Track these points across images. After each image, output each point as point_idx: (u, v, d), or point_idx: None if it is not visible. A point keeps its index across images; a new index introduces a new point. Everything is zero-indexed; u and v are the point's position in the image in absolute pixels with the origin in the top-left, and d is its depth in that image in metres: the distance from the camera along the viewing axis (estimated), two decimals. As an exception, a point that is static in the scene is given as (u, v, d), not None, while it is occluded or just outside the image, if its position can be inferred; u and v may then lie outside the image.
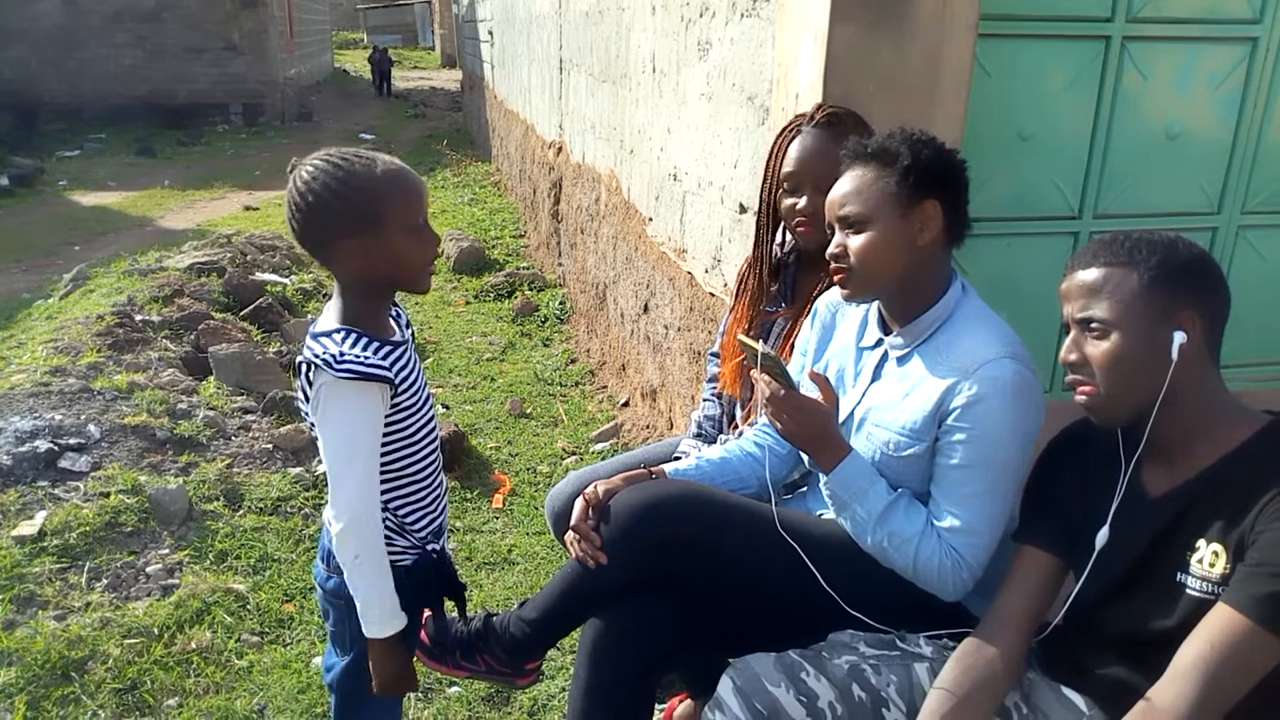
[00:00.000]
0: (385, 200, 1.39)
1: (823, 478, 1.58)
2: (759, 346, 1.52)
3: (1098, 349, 1.26)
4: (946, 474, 1.50)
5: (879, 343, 1.64)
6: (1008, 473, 1.49)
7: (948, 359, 1.51)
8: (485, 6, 10.85)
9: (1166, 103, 2.27)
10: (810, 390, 1.59)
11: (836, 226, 1.57)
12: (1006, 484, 1.49)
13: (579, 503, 1.66)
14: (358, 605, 1.45)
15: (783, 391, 1.53)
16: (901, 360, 1.59)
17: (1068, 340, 1.31)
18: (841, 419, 1.64)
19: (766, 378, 1.54)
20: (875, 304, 1.66)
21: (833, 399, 1.57)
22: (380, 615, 1.46)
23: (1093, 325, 1.27)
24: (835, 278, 1.58)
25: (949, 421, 1.48)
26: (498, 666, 1.76)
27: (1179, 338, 1.23)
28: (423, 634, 1.75)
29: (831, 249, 1.57)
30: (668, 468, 1.78)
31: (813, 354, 1.78)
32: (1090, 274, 1.29)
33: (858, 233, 1.53)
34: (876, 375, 1.63)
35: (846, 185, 1.56)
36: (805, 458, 1.68)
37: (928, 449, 1.52)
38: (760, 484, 1.77)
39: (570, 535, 1.64)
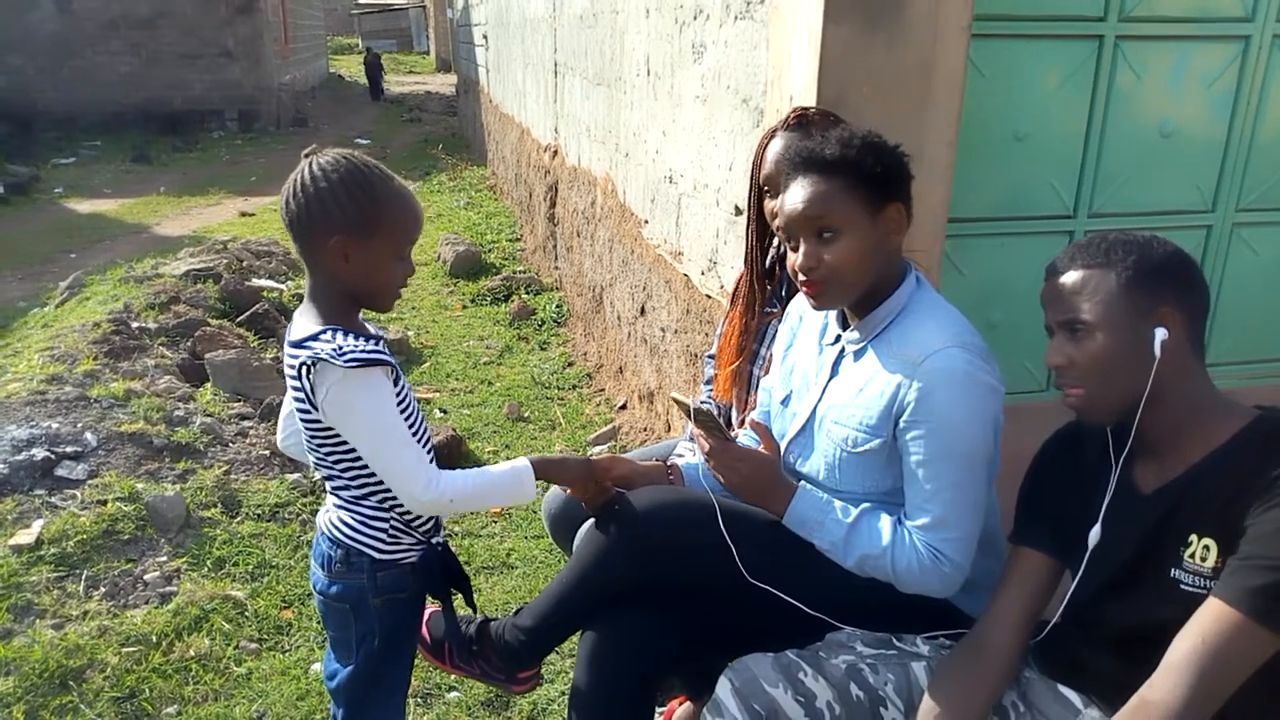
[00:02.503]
0: (388, 214, 1.41)
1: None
2: (690, 401, 1.54)
3: (1082, 350, 1.27)
4: (913, 472, 1.49)
5: (837, 339, 1.64)
6: (973, 461, 1.48)
7: (899, 351, 1.50)
8: (479, 11, 10.86)
9: (1160, 101, 2.28)
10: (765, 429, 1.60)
11: (802, 237, 1.52)
12: (974, 473, 1.48)
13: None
14: (499, 498, 1.54)
15: (721, 445, 1.52)
16: (858, 355, 1.59)
17: (1052, 344, 1.32)
18: (804, 418, 1.65)
19: (701, 432, 1.54)
20: None
21: (773, 447, 1.58)
22: (516, 489, 1.53)
23: (1075, 327, 1.28)
24: (809, 289, 1.54)
25: (905, 419, 1.47)
26: (492, 673, 1.76)
27: (1160, 334, 1.24)
28: (424, 630, 1.75)
29: (803, 261, 1.51)
30: (679, 460, 1.81)
31: (779, 355, 1.78)
32: (1069, 277, 1.30)
33: (830, 243, 1.50)
34: (835, 371, 1.63)
35: (810, 192, 1.50)
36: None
37: (885, 444, 1.51)
38: None
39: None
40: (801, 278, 1.54)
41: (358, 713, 1.60)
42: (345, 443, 1.44)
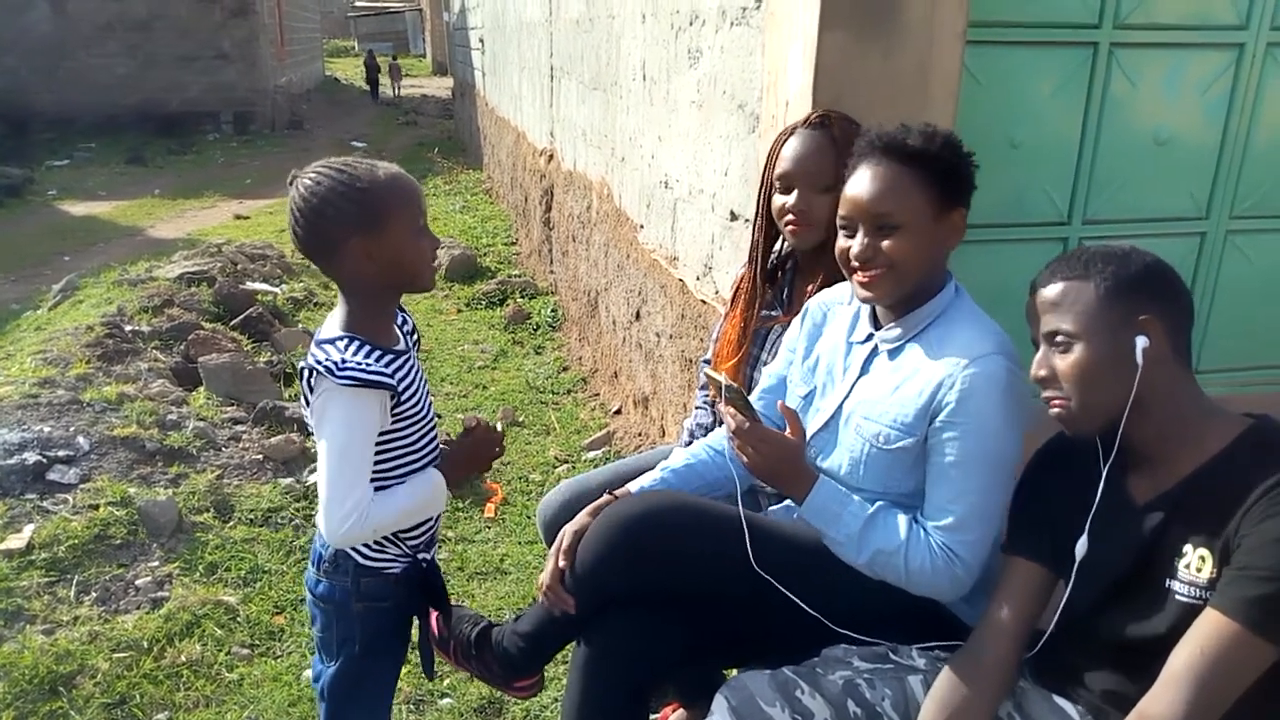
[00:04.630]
0: (388, 201, 1.41)
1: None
2: (723, 379, 1.52)
3: (1065, 361, 1.28)
4: (942, 471, 1.49)
5: (869, 337, 1.63)
6: (1002, 468, 1.48)
7: (940, 352, 1.50)
8: (476, 14, 10.86)
9: (1154, 108, 2.28)
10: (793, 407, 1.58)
11: (862, 225, 1.51)
12: (1002, 480, 1.48)
13: (551, 562, 1.65)
14: (418, 516, 1.53)
15: (749, 424, 1.51)
16: (893, 353, 1.58)
17: (1037, 356, 1.33)
18: (830, 414, 1.64)
19: (732, 410, 1.53)
20: None
21: (799, 431, 1.56)
22: (430, 506, 1.53)
23: (1058, 339, 1.29)
24: (862, 277, 1.53)
25: (941, 418, 1.47)
26: (491, 677, 1.77)
27: (1141, 342, 1.24)
28: (433, 624, 1.76)
29: (859, 250, 1.51)
30: (632, 485, 1.76)
31: (801, 351, 1.76)
32: (1050, 290, 1.31)
33: (888, 236, 1.48)
34: (865, 369, 1.62)
35: (881, 185, 1.49)
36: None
37: (917, 443, 1.51)
38: (732, 483, 1.75)
39: (544, 583, 1.64)
40: (854, 264, 1.53)
41: (341, 714, 1.60)
42: None
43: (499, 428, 1.65)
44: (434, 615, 1.74)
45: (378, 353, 1.43)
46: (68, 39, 15.05)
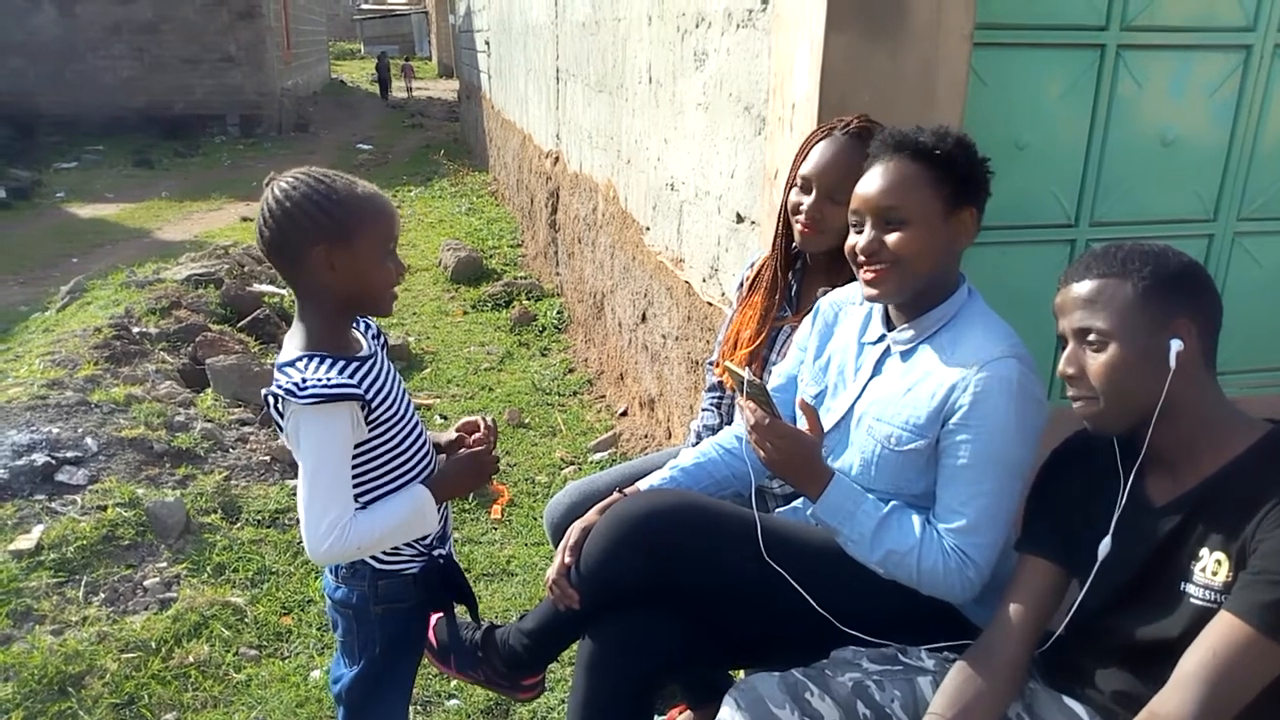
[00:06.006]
0: (360, 217, 1.41)
1: (810, 506, 1.57)
2: (745, 373, 1.51)
3: (1096, 360, 1.27)
4: (954, 474, 1.49)
5: (881, 338, 1.63)
6: (1014, 471, 1.48)
7: (953, 355, 1.50)
8: (481, 17, 10.88)
9: (1162, 110, 2.28)
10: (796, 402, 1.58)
11: (868, 220, 1.52)
12: (1013, 484, 1.48)
13: (558, 558, 1.65)
14: (405, 536, 1.51)
15: (767, 420, 1.51)
16: (905, 355, 1.58)
17: (1066, 353, 1.31)
18: (841, 414, 1.64)
19: (752, 405, 1.53)
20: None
21: (818, 429, 1.56)
22: (417, 524, 1.50)
23: (1090, 336, 1.27)
24: (867, 274, 1.53)
25: (954, 420, 1.47)
26: (496, 679, 1.76)
27: (1176, 345, 1.23)
28: (430, 635, 1.76)
29: (865, 244, 1.51)
30: (642, 484, 1.76)
31: (813, 351, 1.76)
32: (1085, 286, 1.29)
33: (895, 231, 1.49)
34: (877, 370, 1.62)
35: (888, 179, 1.49)
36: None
37: (929, 445, 1.51)
38: (740, 481, 1.76)
39: (550, 578, 1.64)
40: (861, 259, 1.53)
41: (359, 717, 1.60)
42: None
43: (489, 420, 1.66)
44: (430, 628, 1.74)
45: (340, 363, 1.42)
46: (75, 41, 15.11)
